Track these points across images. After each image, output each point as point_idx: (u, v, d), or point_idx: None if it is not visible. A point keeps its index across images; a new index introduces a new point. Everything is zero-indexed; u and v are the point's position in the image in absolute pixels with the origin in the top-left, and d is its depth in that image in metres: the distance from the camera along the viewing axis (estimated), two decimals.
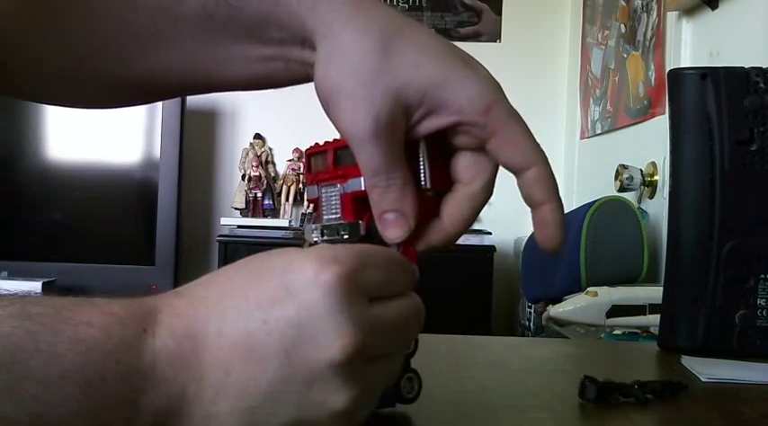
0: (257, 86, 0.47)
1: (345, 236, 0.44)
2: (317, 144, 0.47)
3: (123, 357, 0.31)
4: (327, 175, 0.45)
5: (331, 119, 0.42)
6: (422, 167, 0.43)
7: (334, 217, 0.45)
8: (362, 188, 0.43)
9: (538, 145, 0.42)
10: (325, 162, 0.45)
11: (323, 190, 0.46)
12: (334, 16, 0.41)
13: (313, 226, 0.45)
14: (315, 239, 0.45)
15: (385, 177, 0.41)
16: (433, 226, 0.44)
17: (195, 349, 0.32)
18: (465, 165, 0.43)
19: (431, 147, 0.43)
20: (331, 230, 0.44)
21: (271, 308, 0.33)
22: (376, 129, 0.40)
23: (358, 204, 0.44)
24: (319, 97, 0.42)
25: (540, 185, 0.42)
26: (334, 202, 0.45)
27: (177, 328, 0.32)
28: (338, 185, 0.45)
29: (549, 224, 0.42)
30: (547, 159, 0.42)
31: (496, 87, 0.41)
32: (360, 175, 0.43)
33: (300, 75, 0.45)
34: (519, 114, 0.42)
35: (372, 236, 0.43)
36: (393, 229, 0.42)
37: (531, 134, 0.42)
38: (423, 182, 0.43)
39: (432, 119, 0.41)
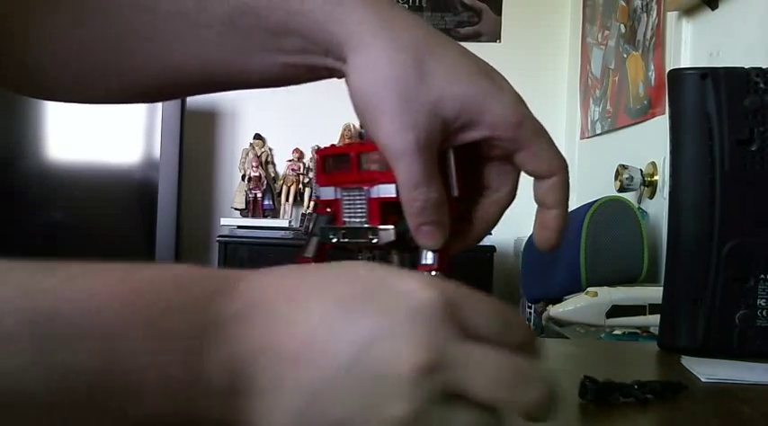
0: (279, 85, 0.48)
1: (374, 241, 0.44)
2: (332, 145, 0.47)
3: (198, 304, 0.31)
4: (351, 178, 0.46)
5: (368, 131, 0.42)
6: (452, 177, 0.44)
7: (358, 220, 0.45)
8: (394, 195, 0.44)
9: (561, 154, 0.44)
10: (347, 165, 0.46)
11: (344, 193, 0.46)
12: (364, 28, 0.42)
13: (330, 227, 0.46)
14: (333, 240, 0.45)
15: (425, 190, 0.42)
16: (464, 229, 0.46)
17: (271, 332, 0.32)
18: (493, 174, 0.45)
19: (456, 156, 0.44)
20: (356, 233, 0.45)
21: (356, 308, 0.32)
22: (417, 144, 0.41)
23: (385, 209, 0.44)
24: (355, 109, 0.42)
25: (556, 192, 0.44)
26: (359, 206, 0.45)
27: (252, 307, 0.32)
28: (365, 189, 0.45)
29: (550, 227, 0.44)
30: (567, 167, 0.44)
31: (523, 103, 0.43)
32: (389, 182, 0.44)
33: (325, 77, 0.46)
34: (543, 127, 0.44)
35: (402, 242, 0.44)
36: (431, 238, 0.43)
37: (554, 145, 0.44)
38: (453, 191, 0.44)
39: (465, 134, 0.42)
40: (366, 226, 0.45)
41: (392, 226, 0.44)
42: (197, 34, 0.46)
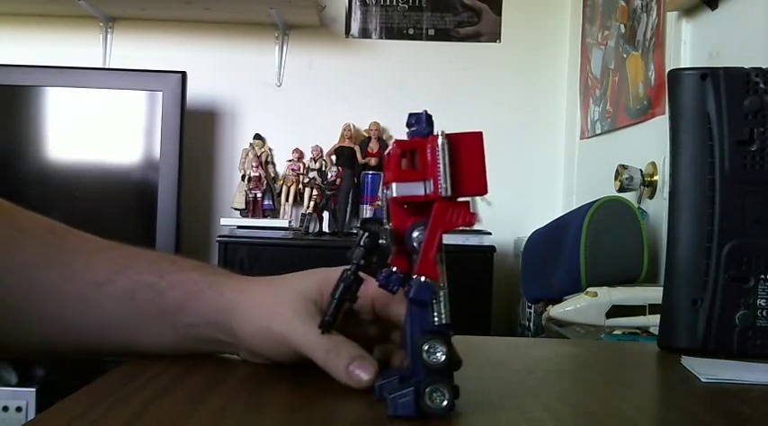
0: (171, 354, 0.55)
1: (405, 244, 0.44)
2: (397, 141, 0.44)
3: None
4: (418, 175, 0.44)
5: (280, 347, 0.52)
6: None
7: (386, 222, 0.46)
8: (423, 193, 0.43)
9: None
10: (413, 159, 0.44)
11: (386, 192, 0.45)
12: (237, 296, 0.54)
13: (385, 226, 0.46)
14: (382, 242, 0.46)
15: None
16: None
17: None
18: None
19: None
20: (390, 235, 0.45)
21: None
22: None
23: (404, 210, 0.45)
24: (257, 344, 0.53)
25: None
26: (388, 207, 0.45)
27: None
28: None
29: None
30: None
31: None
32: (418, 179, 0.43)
33: (217, 350, 0.56)
34: None
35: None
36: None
37: None
38: (446, 191, 0.46)
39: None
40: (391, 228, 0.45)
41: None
42: (96, 300, 0.53)
